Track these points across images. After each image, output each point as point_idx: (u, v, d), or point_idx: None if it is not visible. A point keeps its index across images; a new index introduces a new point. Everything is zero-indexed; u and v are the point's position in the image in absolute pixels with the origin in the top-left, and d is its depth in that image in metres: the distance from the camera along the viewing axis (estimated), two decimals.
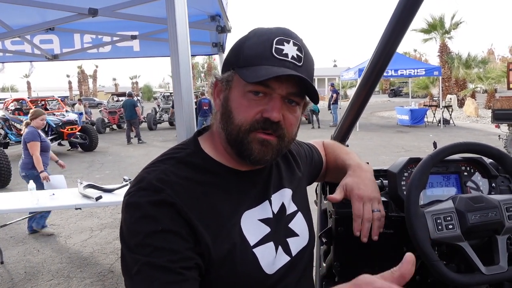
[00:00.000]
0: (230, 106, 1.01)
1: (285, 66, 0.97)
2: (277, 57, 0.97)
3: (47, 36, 4.21)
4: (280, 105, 0.98)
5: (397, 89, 48.81)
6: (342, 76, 21.15)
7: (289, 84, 0.98)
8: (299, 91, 1.01)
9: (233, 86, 1.02)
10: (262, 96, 0.98)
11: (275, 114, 0.97)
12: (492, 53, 48.37)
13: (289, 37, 1.00)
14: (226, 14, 3.34)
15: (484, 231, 1.14)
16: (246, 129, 0.99)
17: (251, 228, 1.01)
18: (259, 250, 1.01)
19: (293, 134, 1.07)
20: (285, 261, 1.06)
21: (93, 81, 69.33)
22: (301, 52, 1.01)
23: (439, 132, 16.13)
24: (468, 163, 1.40)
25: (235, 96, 1.01)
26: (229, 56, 1.07)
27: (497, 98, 11.76)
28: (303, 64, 1.00)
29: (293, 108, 1.03)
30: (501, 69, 21.82)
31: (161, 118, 22.27)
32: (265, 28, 1.05)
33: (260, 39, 1.00)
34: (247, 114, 0.98)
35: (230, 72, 1.03)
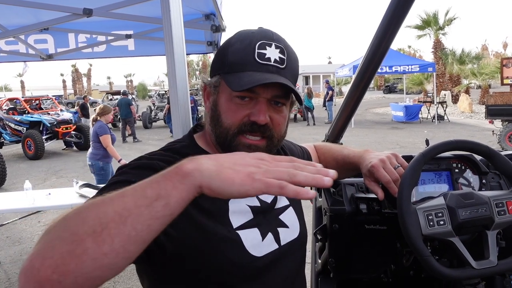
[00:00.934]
0: (219, 110, 1.05)
1: (268, 70, 1.01)
2: (260, 62, 1.01)
3: (41, 36, 4.20)
4: (265, 108, 1.02)
5: (391, 85, 48.86)
6: (337, 73, 21.18)
7: (273, 88, 1.01)
8: (284, 93, 1.04)
9: (221, 91, 1.06)
10: (248, 100, 1.02)
11: (261, 117, 1.01)
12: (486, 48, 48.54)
13: (270, 41, 1.03)
14: (221, 13, 3.34)
15: (475, 226, 1.17)
16: (234, 132, 1.03)
17: (237, 210, 1.05)
18: (243, 232, 1.04)
19: (282, 132, 1.10)
20: (273, 248, 1.09)
21: (87, 80, 68.92)
22: (283, 54, 1.04)
23: (433, 128, 16.20)
24: (459, 160, 1.42)
25: (223, 100, 1.05)
26: (215, 62, 1.11)
27: (490, 94, 11.82)
28: (286, 66, 1.04)
29: (279, 109, 1.06)
30: (495, 65, 21.91)
31: (156, 117, 22.18)
32: (247, 31, 1.08)
33: (243, 45, 1.03)
34: (235, 118, 1.02)
35: (217, 77, 1.07)
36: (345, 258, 1.47)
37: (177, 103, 1.52)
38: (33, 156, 12.89)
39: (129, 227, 0.66)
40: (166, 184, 0.69)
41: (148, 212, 0.67)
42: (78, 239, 0.65)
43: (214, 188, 0.69)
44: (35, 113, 14.53)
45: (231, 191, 0.68)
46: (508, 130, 10.73)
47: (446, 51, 26.50)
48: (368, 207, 1.37)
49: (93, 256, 0.64)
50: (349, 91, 1.67)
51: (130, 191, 0.70)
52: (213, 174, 0.69)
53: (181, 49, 1.56)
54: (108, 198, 0.70)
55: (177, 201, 0.68)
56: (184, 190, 0.68)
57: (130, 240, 0.66)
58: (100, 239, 0.65)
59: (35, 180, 9.33)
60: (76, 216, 0.69)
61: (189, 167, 0.70)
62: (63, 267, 0.63)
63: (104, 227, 0.65)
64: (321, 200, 1.58)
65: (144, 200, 0.68)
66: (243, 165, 0.70)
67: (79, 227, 0.66)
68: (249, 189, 0.68)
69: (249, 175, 0.68)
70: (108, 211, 0.67)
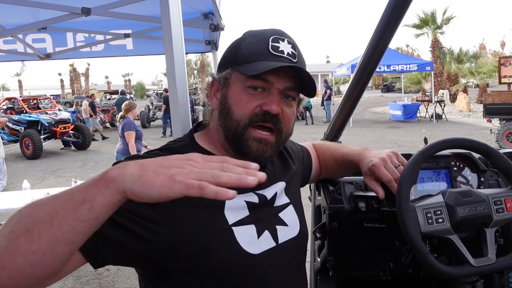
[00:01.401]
0: (229, 102, 1.06)
1: (282, 61, 1.02)
2: (274, 53, 1.03)
3: (39, 35, 4.19)
4: (278, 98, 1.03)
5: (389, 84, 48.92)
6: (335, 72, 21.19)
7: (287, 79, 1.03)
8: (296, 86, 1.05)
9: (232, 83, 1.06)
10: (260, 91, 1.03)
11: (274, 107, 1.01)
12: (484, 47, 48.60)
13: (283, 36, 1.06)
14: (219, 12, 3.34)
15: (473, 224, 1.17)
16: (245, 124, 1.03)
17: (234, 206, 1.05)
18: (238, 228, 1.04)
19: (290, 129, 1.11)
20: (270, 246, 1.08)
21: (85, 79, 68.75)
22: (295, 50, 1.06)
23: (431, 127, 16.22)
24: (458, 158, 1.43)
25: (234, 92, 1.05)
26: (226, 56, 1.11)
27: (488, 93, 11.85)
28: (297, 60, 1.06)
29: (290, 103, 1.08)
30: (493, 64, 21.95)
31: (155, 116, 22.18)
32: (258, 29, 1.10)
33: (256, 39, 1.05)
34: (247, 109, 1.03)
35: (228, 70, 1.07)
36: (344, 256, 1.48)
37: (176, 102, 1.52)
38: (31, 155, 12.87)
39: (55, 228, 0.69)
40: (92, 189, 0.71)
41: (73, 215, 0.70)
42: (14, 236, 0.70)
43: (136, 193, 0.70)
44: (33, 113, 14.51)
45: (151, 194, 0.69)
46: (506, 128, 10.76)
47: (444, 50, 26.54)
48: (367, 205, 1.37)
49: (24, 253, 0.69)
50: (348, 90, 1.67)
51: (62, 194, 0.74)
52: (134, 178, 0.70)
53: (181, 48, 1.56)
54: (45, 199, 0.74)
55: (101, 206, 0.70)
56: (108, 195, 0.70)
57: (57, 241, 0.70)
58: (30, 238, 0.69)
59: (33, 180, 9.32)
60: (18, 214, 0.74)
61: (113, 173, 0.72)
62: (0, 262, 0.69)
63: (35, 227, 0.70)
64: (320, 199, 1.58)
65: (71, 203, 0.71)
66: (166, 167, 0.71)
67: (16, 225, 0.72)
68: (168, 191, 0.68)
69: (170, 177, 0.69)
70: (40, 212, 0.72)
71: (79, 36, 4.24)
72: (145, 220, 0.91)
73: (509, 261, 1.15)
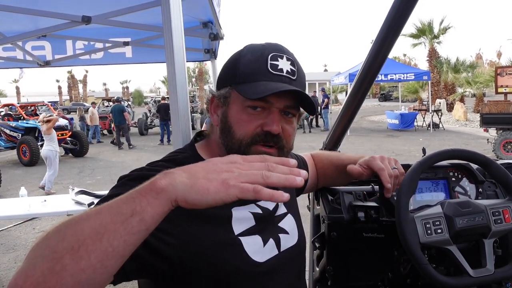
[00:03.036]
0: (230, 121, 1.05)
1: (281, 81, 1.02)
2: (273, 73, 1.02)
3: (39, 42, 4.20)
4: (278, 118, 1.03)
5: (387, 93, 49.05)
6: (333, 80, 21.28)
7: (286, 98, 1.02)
8: (295, 104, 1.05)
9: (231, 102, 1.06)
10: (260, 110, 1.03)
11: (275, 127, 1.01)
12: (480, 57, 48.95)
13: (282, 53, 1.05)
14: (219, 21, 3.36)
15: (472, 235, 1.18)
16: (247, 142, 1.03)
17: (240, 217, 1.06)
18: (245, 238, 1.05)
19: (291, 144, 1.11)
20: (273, 254, 1.10)
21: (83, 86, 68.80)
22: (294, 67, 1.06)
23: (429, 136, 16.26)
24: (456, 169, 1.44)
25: (234, 111, 1.05)
26: (224, 73, 1.10)
27: (485, 103, 11.92)
28: (297, 77, 1.06)
29: (290, 120, 1.08)
30: (489, 74, 22.04)
31: (152, 123, 22.17)
32: (257, 44, 1.09)
33: (255, 56, 1.04)
34: (248, 129, 1.03)
35: (227, 88, 1.07)
36: (343, 266, 1.48)
37: (177, 110, 1.53)
38: (28, 162, 12.83)
39: (105, 243, 0.68)
40: (141, 200, 0.70)
41: (124, 228, 0.69)
42: (58, 256, 0.67)
43: (189, 200, 0.70)
44: (31, 119, 14.48)
45: (207, 200, 0.70)
46: (503, 138, 10.79)
47: (441, 59, 26.69)
48: (366, 215, 1.37)
49: (71, 272, 0.67)
50: (347, 100, 1.68)
51: (106, 208, 0.72)
52: (187, 187, 0.70)
53: (182, 57, 1.57)
54: (86, 215, 0.72)
55: (152, 216, 0.70)
56: (159, 206, 0.70)
57: (108, 256, 0.68)
58: (78, 256, 0.67)
59: (30, 187, 9.27)
60: (56, 233, 0.71)
61: (163, 182, 0.71)
62: (43, 284, 0.66)
63: (81, 244, 0.68)
64: (319, 208, 1.59)
65: (119, 216, 0.69)
66: (216, 172, 0.72)
67: (59, 244, 0.69)
68: (224, 196, 0.69)
69: (223, 183, 0.70)
70: (85, 228, 0.69)
71: (79, 43, 4.25)
72: (159, 232, 0.91)
73: (508, 272, 1.15)
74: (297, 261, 1.20)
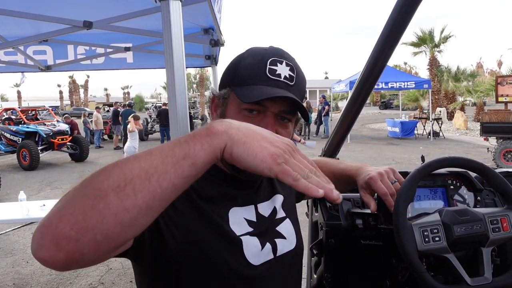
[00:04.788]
0: None
1: (278, 86, 1.03)
2: (271, 77, 1.03)
3: (40, 47, 4.23)
4: (273, 122, 1.04)
5: (387, 101, 49.16)
6: (333, 88, 21.31)
7: (281, 103, 1.03)
8: (291, 109, 1.06)
9: (229, 103, 1.07)
10: (256, 113, 1.04)
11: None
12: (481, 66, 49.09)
13: (282, 58, 1.06)
14: (220, 28, 3.38)
15: (470, 243, 1.17)
16: None
17: (236, 222, 1.06)
18: (245, 239, 1.05)
19: None
20: (269, 258, 1.09)
21: (84, 91, 68.94)
22: (293, 72, 1.06)
23: (429, 144, 16.27)
24: (454, 177, 1.43)
25: (231, 112, 1.06)
26: (225, 75, 1.12)
27: (485, 111, 11.92)
28: (295, 83, 1.06)
29: (285, 124, 1.08)
30: (490, 83, 22.09)
31: (153, 129, 22.21)
32: (259, 48, 1.11)
33: (255, 60, 1.05)
34: None
35: (226, 89, 1.08)
36: (340, 273, 1.47)
37: (176, 116, 1.53)
38: (28, 166, 12.82)
39: (155, 183, 0.66)
40: (195, 144, 0.70)
41: (175, 171, 0.67)
42: (101, 193, 0.64)
43: (234, 154, 0.70)
44: (31, 124, 14.50)
45: (250, 163, 0.70)
46: (503, 147, 10.79)
47: (442, 68, 26.78)
48: (364, 222, 1.37)
49: (115, 210, 0.63)
50: (346, 107, 1.68)
51: (157, 150, 0.70)
52: (240, 140, 0.71)
53: (181, 63, 1.58)
54: (134, 157, 0.70)
55: (203, 162, 0.69)
56: (211, 152, 0.70)
57: (155, 197, 0.66)
58: (123, 194, 0.64)
59: (30, 191, 9.27)
60: (101, 173, 0.68)
61: (219, 127, 0.71)
62: (83, 222, 0.62)
63: (128, 182, 0.65)
64: (317, 215, 1.58)
65: (171, 158, 0.68)
66: (271, 143, 0.72)
67: (104, 182, 0.66)
68: (266, 168, 0.69)
69: (272, 156, 0.70)
70: (134, 168, 0.67)
71: (80, 48, 4.28)
72: (169, 220, 0.93)
73: (506, 280, 1.15)
74: (295, 267, 1.20)
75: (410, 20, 1.30)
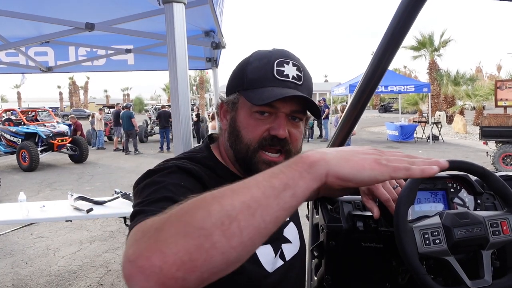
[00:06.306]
0: (238, 126, 1.08)
1: (287, 86, 1.04)
2: (279, 79, 1.04)
3: (42, 48, 4.24)
4: (285, 122, 1.05)
5: (387, 105, 49.20)
6: (333, 91, 21.33)
7: (292, 103, 1.04)
8: (301, 108, 1.07)
9: (240, 108, 1.08)
10: (267, 115, 1.05)
11: (281, 131, 1.03)
12: (480, 70, 49.16)
13: (288, 59, 1.07)
14: (221, 30, 3.39)
15: (470, 246, 1.18)
16: (254, 147, 1.05)
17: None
18: (259, 248, 1.05)
19: (298, 147, 1.13)
20: (280, 264, 1.11)
21: (84, 93, 68.94)
22: (300, 72, 1.08)
23: (428, 148, 16.28)
24: (455, 180, 1.44)
25: (242, 116, 1.07)
26: (233, 80, 1.13)
27: (485, 116, 11.93)
28: (303, 82, 1.07)
29: (297, 124, 1.09)
30: (489, 87, 22.14)
31: (153, 131, 22.23)
32: (264, 50, 1.11)
33: (261, 63, 1.06)
34: (255, 133, 1.05)
35: (235, 94, 1.09)
36: (341, 275, 1.48)
37: (178, 117, 1.54)
38: (27, 167, 12.81)
39: (259, 219, 0.64)
40: (293, 174, 0.68)
41: (277, 203, 0.66)
42: (206, 233, 0.61)
43: (342, 175, 0.70)
44: (31, 125, 14.50)
45: (362, 177, 0.71)
46: (502, 151, 10.81)
47: (441, 72, 26.83)
48: (364, 225, 1.38)
49: (222, 249, 0.62)
50: (347, 111, 1.69)
51: (253, 182, 0.68)
52: (341, 161, 0.71)
53: (184, 65, 1.59)
54: (229, 190, 0.67)
55: (303, 191, 0.68)
56: (310, 180, 0.69)
57: (259, 233, 0.65)
58: (229, 232, 0.62)
59: (29, 192, 9.26)
60: (198, 209, 0.64)
61: (315, 156, 0.71)
62: (189, 263, 0.60)
63: (233, 220, 0.63)
64: (318, 217, 1.59)
65: (272, 190, 0.66)
66: (364, 153, 0.74)
67: (206, 220, 0.62)
68: (378, 173, 0.71)
69: (376, 161, 0.71)
70: (234, 203, 0.64)
71: (81, 50, 4.29)
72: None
73: (505, 283, 1.16)
74: (301, 270, 1.21)
75: (411, 25, 1.31)
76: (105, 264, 5.27)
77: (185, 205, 0.66)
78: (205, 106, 37.84)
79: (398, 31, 1.32)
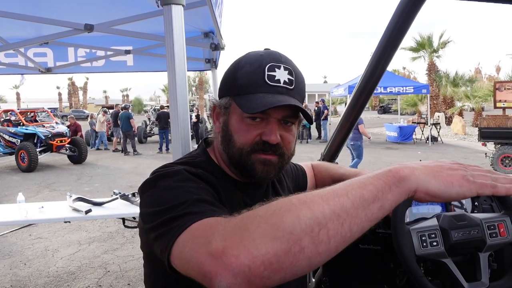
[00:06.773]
0: (230, 130, 1.08)
1: (278, 92, 1.03)
2: (270, 84, 1.03)
3: (41, 49, 4.24)
4: (276, 127, 1.05)
5: (386, 106, 49.25)
6: (332, 92, 21.33)
7: (284, 109, 1.04)
8: (293, 113, 1.07)
9: (231, 112, 1.08)
10: (259, 120, 1.05)
11: (273, 137, 1.03)
12: (479, 72, 49.21)
13: (279, 62, 1.06)
14: (220, 32, 3.40)
15: (467, 248, 1.18)
16: (247, 151, 1.05)
17: None
18: None
19: (292, 150, 1.13)
20: None
21: (83, 93, 68.92)
22: (292, 75, 1.06)
23: (427, 149, 16.29)
24: None
25: (234, 121, 1.07)
26: (224, 83, 1.12)
27: (484, 117, 11.94)
28: (294, 86, 1.06)
29: (289, 128, 1.09)
30: (488, 88, 22.17)
31: (152, 132, 22.23)
32: (255, 53, 1.10)
33: (252, 67, 1.05)
34: (247, 138, 1.05)
35: (227, 99, 1.09)
36: (339, 277, 1.48)
37: (177, 119, 1.54)
38: (26, 168, 12.79)
39: (346, 228, 0.66)
40: (383, 186, 0.70)
41: (365, 214, 0.68)
42: (295, 238, 0.64)
43: (431, 191, 0.72)
44: (30, 125, 14.48)
45: (450, 193, 0.72)
46: (501, 153, 10.82)
47: (440, 73, 26.85)
48: None
49: (309, 255, 0.65)
50: (346, 112, 1.69)
51: (342, 191, 0.70)
52: (429, 177, 0.73)
53: (182, 66, 1.59)
54: (318, 196, 0.70)
55: (390, 204, 0.70)
56: (398, 194, 0.71)
57: (344, 241, 0.67)
58: (318, 239, 0.65)
59: (28, 193, 9.25)
60: (286, 212, 0.67)
61: (405, 171, 0.73)
62: (277, 264, 0.64)
63: (322, 227, 0.65)
64: None
65: (361, 201, 0.68)
66: (451, 169, 0.75)
67: (296, 226, 0.65)
68: (467, 190, 0.72)
69: (463, 178, 0.73)
70: (325, 211, 0.66)
71: (80, 51, 4.29)
72: None
73: (502, 285, 1.16)
74: None
75: (410, 26, 1.32)
76: (103, 265, 5.27)
77: (270, 207, 0.69)
78: (204, 107, 37.81)
79: (396, 32, 1.32)
